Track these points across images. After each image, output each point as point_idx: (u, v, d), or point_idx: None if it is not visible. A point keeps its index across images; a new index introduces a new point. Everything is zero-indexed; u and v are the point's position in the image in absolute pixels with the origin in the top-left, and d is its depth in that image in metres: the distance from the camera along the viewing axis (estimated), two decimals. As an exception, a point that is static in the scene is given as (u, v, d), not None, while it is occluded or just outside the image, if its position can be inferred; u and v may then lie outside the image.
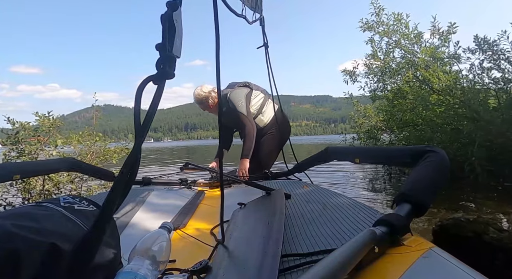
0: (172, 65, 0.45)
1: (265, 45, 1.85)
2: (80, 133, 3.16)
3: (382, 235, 0.50)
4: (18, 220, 0.47)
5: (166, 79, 0.45)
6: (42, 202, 0.55)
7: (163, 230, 0.69)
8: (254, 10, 1.58)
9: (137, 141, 0.41)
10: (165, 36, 0.45)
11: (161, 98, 0.44)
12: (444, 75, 3.68)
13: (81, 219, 0.54)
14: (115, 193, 0.40)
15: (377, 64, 4.72)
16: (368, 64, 4.85)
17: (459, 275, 0.41)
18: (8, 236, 0.43)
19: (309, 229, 0.76)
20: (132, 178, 0.44)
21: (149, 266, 0.55)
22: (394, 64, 4.51)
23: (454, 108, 3.51)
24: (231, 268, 0.61)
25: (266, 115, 2.25)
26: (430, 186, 0.66)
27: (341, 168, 5.69)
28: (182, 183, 1.66)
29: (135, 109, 0.42)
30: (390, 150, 1.48)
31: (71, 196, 0.60)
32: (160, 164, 8.61)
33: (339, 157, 1.54)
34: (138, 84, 0.43)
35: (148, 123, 0.42)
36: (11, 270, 0.41)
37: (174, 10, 0.46)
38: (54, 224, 0.49)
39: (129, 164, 0.41)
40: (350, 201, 0.93)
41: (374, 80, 4.94)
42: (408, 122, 4.17)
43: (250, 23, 1.53)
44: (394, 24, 4.32)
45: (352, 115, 5.45)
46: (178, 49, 0.46)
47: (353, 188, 3.82)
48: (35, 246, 0.44)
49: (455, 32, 3.87)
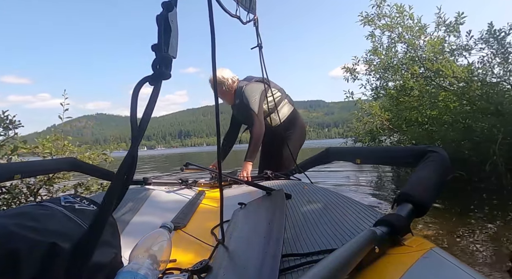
0: (169, 65, 0.45)
1: (259, 46, 1.84)
2: (47, 137, 2.86)
3: (382, 235, 0.50)
4: (18, 220, 0.47)
5: (163, 80, 0.44)
6: (43, 202, 0.55)
7: (163, 230, 0.69)
8: (248, 11, 1.58)
9: (134, 142, 0.42)
10: (160, 36, 0.45)
11: (157, 98, 0.43)
12: (458, 67, 3.47)
13: (82, 219, 0.54)
14: (111, 194, 0.40)
15: (379, 60, 4.44)
16: (368, 61, 4.58)
17: (459, 276, 0.41)
18: (8, 235, 0.43)
19: (309, 229, 0.76)
20: (129, 179, 0.44)
21: (149, 265, 0.55)
22: (396, 60, 4.26)
23: (470, 102, 3.25)
24: (232, 268, 0.61)
25: (281, 115, 2.15)
26: (431, 186, 0.66)
27: (342, 168, 5.69)
28: (182, 183, 1.66)
29: (131, 110, 0.42)
30: (391, 150, 1.48)
31: (71, 196, 0.60)
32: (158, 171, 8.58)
33: (340, 158, 1.55)
34: (131, 93, 0.43)
35: (145, 123, 0.42)
36: (11, 269, 0.41)
37: (169, 10, 0.46)
38: (54, 224, 0.49)
39: (126, 165, 0.41)
40: (350, 201, 0.92)
41: (376, 77, 4.66)
42: (415, 120, 3.99)
43: (244, 23, 1.52)
44: (397, 17, 4.04)
45: (356, 114, 5.04)
46: (174, 49, 0.46)
47: (355, 188, 3.82)
48: (35, 245, 0.44)
49: (463, 22, 3.61)
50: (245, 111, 2.07)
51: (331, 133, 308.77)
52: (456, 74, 3.42)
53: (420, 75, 3.94)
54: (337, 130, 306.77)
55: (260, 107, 2.05)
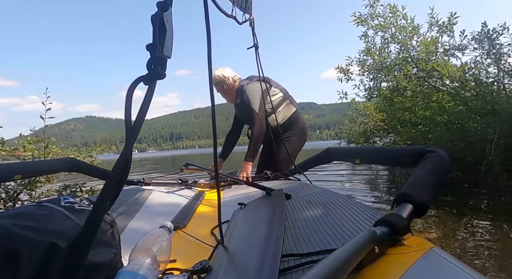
0: (163, 65, 0.45)
1: (255, 46, 1.83)
2: (28, 139, 2.70)
3: (382, 235, 0.50)
4: (18, 220, 0.47)
5: (158, 80, 0.44)
6: (43, 202, 0.55)
7: (163, 230, 0.69)
8: (244, 11, 1.58)
9: (128, 141, 0.41)
10: (155, 36, 0.45)
11: (152, 98, 0.43)
12: (452, 67, 3.46)
13: (82, 219, 0.54)
14: (105, 194, 0.40)
15: (372, 61, 4.37)
16: (362, 61, 4.51)
17: (459, 276, 0.41)
18: (8, 235, 0.43)
19: (309, 229, 0.76)
20: (123, 178, 0.44)
21: (149, 266, 0.55)
22: (389, 60, 4.21)
23: (464, 102, 3.21)
24: (232, 268, 0.61)
25: (281, 116, 2.14)
26: (430, 186, 0.66)
27: (342, 169, 5.69)
28: (182, 184, 1.66)
29: (126, 110, 0.42)
30: (390, 151, 1.48)
31: (71, 196, 0.60)
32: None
33: (339, 158, 1.55)
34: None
35: (139, 124, 0.42)
36: (11, 269, 0.41)
37: (164, 10, 0.46)
38: (54, 224, 0.49)
39: (120, 165, 0.40)
40: (350, 201, 0.92)
41: (370, 77, 4.58)
42: (408, 121, 3.98)
43: (240, 23, 1.52)
44: (390, 17, 4.03)
45: (350, 115, 4.96)
46: (169, 49, 0.46)
47: (354, 189, 3.82)
48: (35, 245, 0.44)
49: (456, 23, 3.62)
50: (246, 111, 2.06)
51: (322, 135, 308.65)
52: (451, 74, 3.41)
53: (414, 75, 3.93)
54: (329, 132, 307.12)
55: (261, 106, 2.04)
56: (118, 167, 0.40)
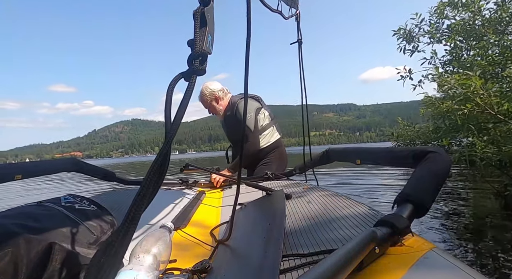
0: (204, 61, 0.44)
1: (299, 41, 1.76)
2: None
3: (383, 236, 0.50)
4: (19, 220, 0.47)
5: (198, 76, 0.44)
6: (43, 202, 0.56)
7: (164, 230, 0.69)
8: (290, 5, 1.54)
9: (167, 138, 0.40)
10: (196, 32, 0.44)
11: (191, 94, 0.42)
12: None
13: (82, 219, 0.54)
14: (142, 197, 0.38)
15: (457, 18, 3.05)
16: (433, 25, 3.14)
17: (459, 276, 0.41)
18: (9, 235, 0.43)
19: (309, 230, 0.76)
20: (163, 174, 0.42)
21: (150, 266, 0.55)
22: (481, 19, 2.88)
23: None
24: (232, 268, 0.61)
25: (265, 140, 2.07)
26: (431, 187, 0.66)
27: (341, 169, 5.68)
28: (183, 184, 1.66)
29: (166, 106, 0.41)
30: (391, 151, 1.47)
31: (72, 196, 0.60)
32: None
33: (340, 158, 1.54)
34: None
35: (179, 119, 0.41)
36: (11, 268, 0.41)
37: (206, 5, 0.45)
38: (55, 224, 0.49)
39: (159, 159, 0.39)
40: (350, 201, 0.92)
41: (451, 45, 3.14)
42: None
43: (286, 18, 1.46)
44: None
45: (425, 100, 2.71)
46: (210, 45, 0.45)
47: (355, 189, 3.82)
48: (35, 245, 0.44)
49: None
50: (237, 126, 2.02)
51: (363, 137, 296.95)
52: None
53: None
54: (370, 134, 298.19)
55: (256, 124, 2.01)
56: (157, 163, 0.39)
